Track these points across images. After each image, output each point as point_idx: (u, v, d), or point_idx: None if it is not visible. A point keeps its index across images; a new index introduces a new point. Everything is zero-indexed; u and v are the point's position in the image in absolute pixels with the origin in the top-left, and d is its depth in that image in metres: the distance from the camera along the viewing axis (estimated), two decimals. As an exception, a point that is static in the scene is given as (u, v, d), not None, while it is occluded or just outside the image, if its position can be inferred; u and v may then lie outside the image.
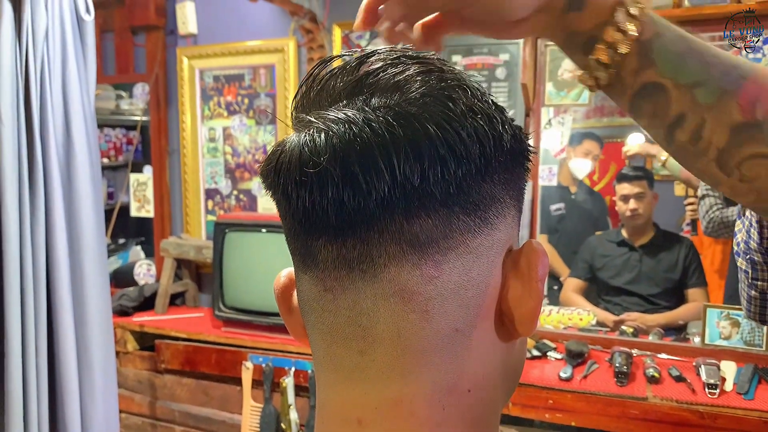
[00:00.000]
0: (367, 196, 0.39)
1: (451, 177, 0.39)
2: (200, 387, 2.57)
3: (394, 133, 0.39)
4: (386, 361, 0.42)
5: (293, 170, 0.40)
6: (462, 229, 0.41)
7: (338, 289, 0.42)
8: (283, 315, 0.53)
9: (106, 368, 1.66)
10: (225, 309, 2.52)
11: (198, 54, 2.95)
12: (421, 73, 0.42)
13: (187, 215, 3.06)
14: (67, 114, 1.52)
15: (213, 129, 2.99)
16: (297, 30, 2.74)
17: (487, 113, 0.41)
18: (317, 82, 0.44)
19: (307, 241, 0.43)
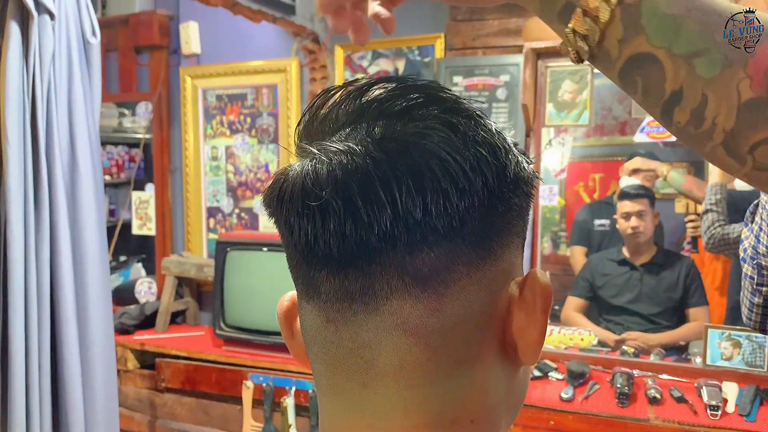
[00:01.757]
0: (368, 230, 0.39)
1: (454, 210, 0.39)
2: (200, 406, 2.56)
3: (396, 165, 0.39)
4: (389, 394, 0.42)
5: (295, 201, 0.40)
6: (465, 261, 0.41)
7: (340, 321, 0.42)
8: (286, 339, 0.52)
9: (108, 387, 1.65)
10: (226, 328, 2.52)
11: (201, 73, 2.97)
12: (423, 103, 0.42)
13: (189, 233, 3.07)
14: (72, 135, 1.54)
15: (215, 147, 3.00)
16: (299, 50, 2.76)
17: (490, 143, 0.41)
18: (320, 112, 0.44)
19: (310, 272, 0.42)
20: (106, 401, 1.59)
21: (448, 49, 2.56)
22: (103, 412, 1.57)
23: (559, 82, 2.36)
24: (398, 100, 0.42)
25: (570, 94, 2.35)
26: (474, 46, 2.53)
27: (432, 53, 2.55)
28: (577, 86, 2.34)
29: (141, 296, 3.09)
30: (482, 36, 2.52)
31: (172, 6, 3.03)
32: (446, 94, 0.43)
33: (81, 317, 1.60)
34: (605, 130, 2.98)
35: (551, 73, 2.37)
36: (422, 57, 2.57)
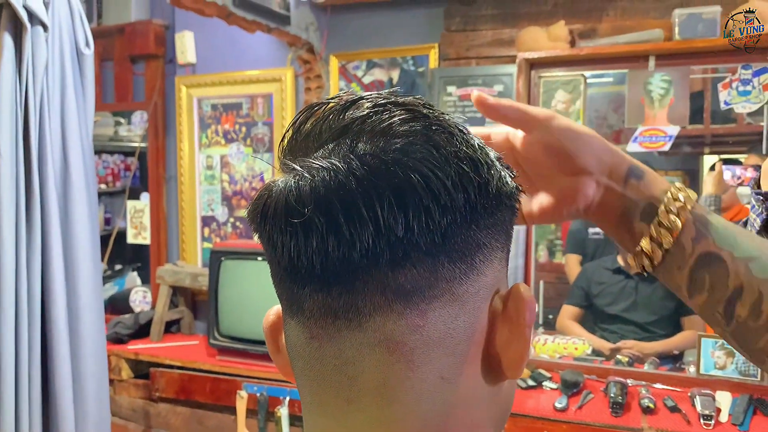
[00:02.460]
0: (351, 247, 0.39)
1: (436, 226, 0.39)
2: (195, 416, 2.55)
3: (378, 182, 0.39)
4: (373, 411, 0.42)
5: (279, 217, 0.41)
6: (448, 277, 0.41)
7: (324, 337, 0.42)
8: (272, 353, 0.52)
9: (100, 398, 1.65)
10: (220, 337, 2.52)
11: (196, 83, 2.98)
12: (406, 119, 0.42)
13: (184, 242, 3.07)
14: (65, 146, 1.54)
15: (210, 157, 3.01)
16: (295, 60, 2.77)
17: (472, 158, 0.41)
18: (304, 127, 0.44)
19: (293, 289, 0.43)
20: (98, 411, 1.59)
21: (442, 59, 2.57)
22: (94, 422, 1.57)
23: (552, 92, 2.37)
24: (381, 116, 0.42)
25: (563, 104, 2.36)
26: (468, 56, 2.55)
27: (426, 63, 2.57)
28: (570, 96, 2.35)
29: (136, 305, 3.09)
30: (476, 46, 2.53)
31: (168, 16, 3.04)
32: (429, 111, 0.43)
33: (72, 327, 1.59)
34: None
35: (544, 83, 2.38)
36: (416, 67, 2.58)
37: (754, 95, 2.10)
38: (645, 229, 0.55)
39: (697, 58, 2.20)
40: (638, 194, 0.55)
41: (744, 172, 2.20)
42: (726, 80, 2.14)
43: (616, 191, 0.56)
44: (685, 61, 2.20)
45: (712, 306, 0.55)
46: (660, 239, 0.54)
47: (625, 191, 0.56)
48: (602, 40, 2.32)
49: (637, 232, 0.56)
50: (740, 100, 2.12)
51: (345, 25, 2.71)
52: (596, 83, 2.59)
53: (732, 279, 0.53)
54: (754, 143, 2.71)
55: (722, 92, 2.14)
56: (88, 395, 1.58)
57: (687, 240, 0.53)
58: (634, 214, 0.55)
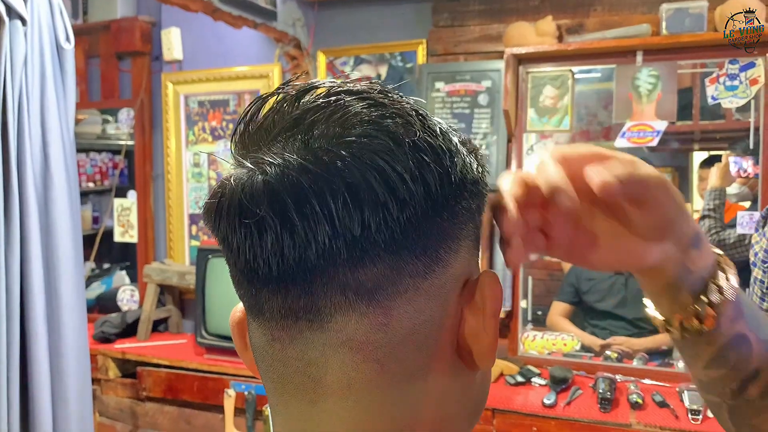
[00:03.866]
0: (307, 246, 0.37)
1: (395, 222, 0.38)
2: (182, 415, 2.53)
3: (332, 178, 0.37)
4: (338, 412, 0.41)
5: (232, 217, 0.39)
6: (411, 272, 0.39)
7: (286, 339, 0.41)
8: (240, 351, 0.51)
9: (82, 398, 1.63)
10: (207, 336, 2.50)
11: (183, 80, 2.95)
12: (362, 108, 0.40)
13: (171, 240, 3.05)
14: (45, 142, 1.51)
15: (197, 154, 2.98)
16: (282, 56, 2.75)
17: (432, 147, 0.39)
18: (255, 120, 0.42)
19: (251, 290, 0.41)
20: (80, 411, 1.57)
21: (430, 55, 2.55)
22: (76, 423, 1.55)
23: (540, 88, 2.36)
24: (334, 106, 0.40)
25: (551, 100, 2.35)
26: (455, 52, 2.53)
27: (414, 59, 2.55)
28: (558, 92, 2.34)
29: (123, 304, 3.06)
30: (464, 42, 2.52)
31: (154, 12, 3.01)
32: (385, 97, 0.41)
33: (53, 328, 1.57)
34: (590, 135, 2.98)
35: (532, 79, 2.37)
36: (404, 63, 2.57)
37: (741, 90, 2.10)
38: (689, 301, 0.51)
39: (684, 53, 2.20)
40: (694, 265, 0.51)
41: (749, 165, 2.17)
42: (713, 75, 2.14)
43: (676, 258, 0.51)
44: (672, 56, 2.20)
45: (727, 382, 0.53)
46: (702, 317, 0.51)
47: (685, 260, 0.51)
48: (590, 35, 2.31)
49: (680, 302, 0.52)
50: (727, 95, 2.12)
51: (332, 21, 2.69)
52: (584, 79, 2.59)
53: (754, 360, 0.52)
54: (742, 139, 2.72)
55: (709, 87, 2.14)
56: (70, 396, 1.56)
57: (726, 321, 0.51)
58: (683, 284, 0.51)
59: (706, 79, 2.15)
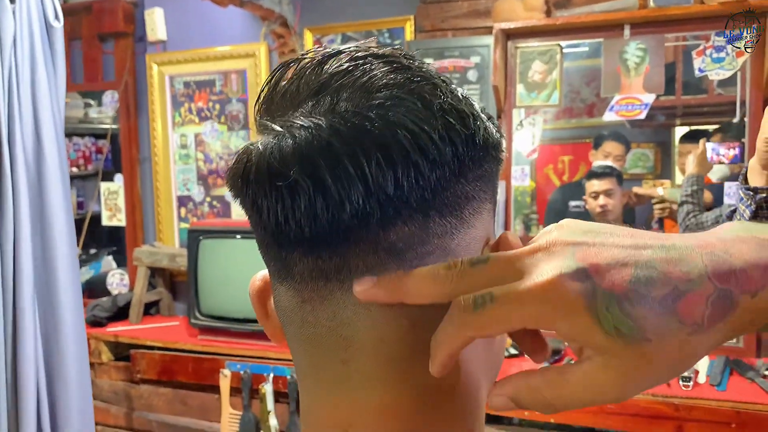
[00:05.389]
0: (340, 208, 0.38)
1: (426, 182, 0.38)
2: (177, 396, 2.54)
3: (364, 139, 0.38)
4: (370, 370, 0.41)
5: (262, 181, 0.39)
6: (439, 232, 0.40)
7: (316, 300, 0.41)
8: (260, 319, 0.51)
9: (81, 380, 1.62)
10: (201, 317, 2.50)
11: (168, 60, 2.92)
12: (388, 72, 0.40)
13: (160, 223, 3.03)
14: (37, 124, 1.49)
15: (184, 135, 2.96)
16: (268, 35, 2.73)
17: (458, 110, 0.40)
18: (280, 85, 0.43)
19: (281, 253, 0.42)
20: (80, 394, 1.57)
21: (417, 31, 2.55)
22: (77, 405, 1.55)
23: (529, 63, 2.37)
24: (361, 69, 0.41)
25: (540, 75, 2.36)
26: (443, 27, 2.53)
27: (402, 36, 2.54)
28: (547, 66, 2.35)
29: (113, 288, 3.05)
30: (451, 18, 2.52)
31: (136, -8, 2.97)
32: (410, 61, 0.42)
33: (49, 310, 1.57)
34: (573, 112, 3.00)
35: (521, 54, 2.37)
36: (392, 39, 2.56)
37: (728, 62, 2.12)
38: None
39: (671, 26, 2.21)
40: None
41: (727, 151, 2.22)
42: (700, 47, 2.16)
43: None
44: (659, 28, 2.21)
45: None
46: None
47: None
48: (577, 10, 2.32)
49: None
50: (714, 67, 2.14)
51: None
52: (572, 54, 2.59)
53: None
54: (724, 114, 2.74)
55: (696, 59, 2.16)
56: (70, 378, 1.56)
57: None
58: None
59: (693, 52, 2.17)
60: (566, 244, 0.36)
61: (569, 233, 0.36)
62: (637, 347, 0.33)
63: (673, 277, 0.34)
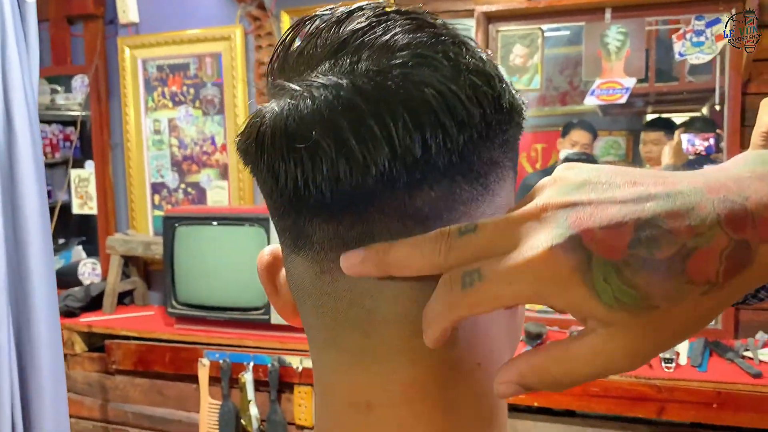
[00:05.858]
0: (365, 171, 0.36)
1: (454, 145, 0.36)
2: (154, 387, 2.49)
3: (389, 98, 0.36)
4: (394, 343, 0.40)
5: (279, 144, 0.37)
6: (465, 199, 0.39)
7: (336, 270, 0.39)
8: (270, 295, 0.49)
9: (55, 371, 1.58)
10: (178, 305, 2.45)
11: (140, 43, 2.84)
12: (411, 30, 0.38)
13: (133, 210, 2.96)
14: (7, 104, 1.43)
15: (158, 121, 2.89)
16: (244, 17, 2.67)
17: (484, 71, 0.38)
18: (295, 45, 0.40)
19: (299, 221, 0.39)
20: (54, 385, 1.52)
21: (397, 15, 2.51)
22: (51, 397, 1.50)
23: (510, 47, 2.36)
24: (383, 27, 0.38)
25: (521, 59, 2.35)
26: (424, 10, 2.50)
27: (381, 19, 2.51)
28: (528, 50, 2.34)
29: (85, 278, 2.97)
30: (432, 0, 2.49)
31: (106, -28, 2.88)
32: (433, 20, 0.40)
33: (22, 300, 1.51)
34: (547, 100, 3.00)
35: (502, 38, 2.36)
36: (371, 23, 2.53)
37: (708, 46, 2.14)
38: None
39: (652, 10, 2.22)
40: None
41: (702, 142, 2.25)
42: (680, 31, 2.16)
43: None
44: (640, 12, 2.21)
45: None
46: None
47: None
48: (559, -7, 2.31)
49: None
50: (694, 51, 2.15)
51: (296, -19, 2.62)
52: (553, 38, 2.59)
53: None
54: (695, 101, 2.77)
55: (676, 43, 2.17)
56: (43, 369, 1.51)
57: None
58: None
59: (674, 36, 2.18)
60: (558, 207, 0.33)
61: (563, 190, 0.33)
62: (643, 315, 0.30)
63: (680, 234, 0.30)
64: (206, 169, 2.84)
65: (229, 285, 2.38)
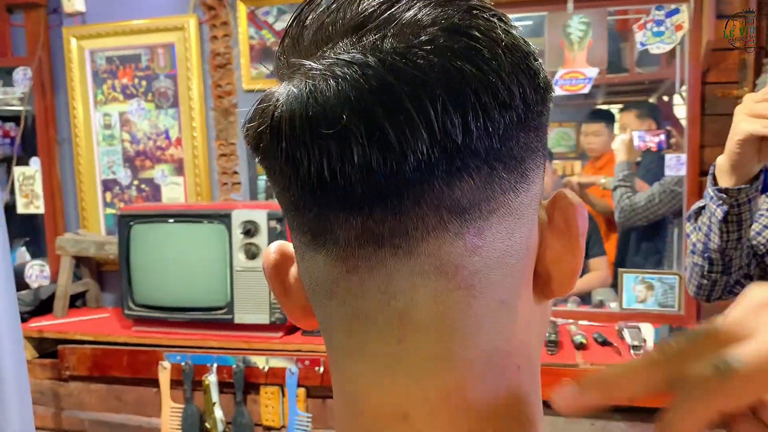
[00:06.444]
0: (402, 159, 0.32)
1: (496, 128, 0.33)
2: (112, 392, 2.39)
3: (425, 78, 0.32)
4: (431, 347, 0.36)
5: (302, 130, 0.33)
6: (504, 188, 0.35)
7: (365, 269, 0.35)
8: (279, 296, 0.45)
9: (19, 377, 1.48)
10: (135, 307, 2.35)
11: (87, 34, 2.71)
12: (440, 3, 0.34)
13: (84, 209, 2.83)
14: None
15: (108, 115, 2.77)
16: (198, 6, 2.58)
17: (520, 47, 0.35)
18: (311, 19, 0.36)
19: (323, 215, 0.35)
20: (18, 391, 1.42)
21: (357, 4, 2.46)
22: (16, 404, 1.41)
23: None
24: (405, 1, 0.34)
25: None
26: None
27: (342, 8, 2.45)
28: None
29: (32, 281, 2.83)
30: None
31: (48, -41, 2.74)
32: None
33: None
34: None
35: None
36: (332, 12, 2.47)
37: (668, 35, 2.16)
38: None
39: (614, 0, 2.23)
40: None
41: (653, 138, 2.30)
42: (641, 21, 2.18)
43: None
44: (602, 2, 2.22)
45: None
46: None
47: None
48: (521, -17, 2.30)
49: None
50: (655, 40, 2.17)
51: (252, -31, 2.54)
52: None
53: None
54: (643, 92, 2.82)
55: (638, 33, 2.19)
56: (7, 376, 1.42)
57: None
58: None
59: (635, 26, 2.19)
60: None
61: None
62: None
63: None
64: (160, 165, 2.74)
65: (190, 285, 2.30)
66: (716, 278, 1.21)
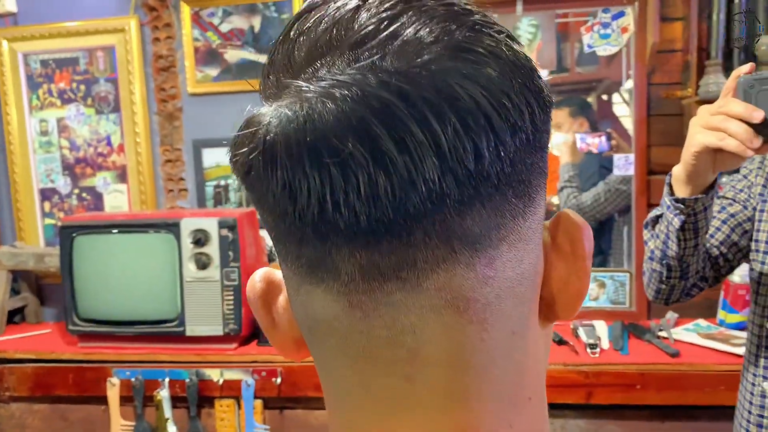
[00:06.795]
0: (409, 188, 0.30)
1: (507, 152, 0.32)
2: (57, 412, 2.28)
3: (432, 99, 0.30)
4: (442, 385, 0.34)
5: (298, 157, 0.30)
6: (513, 213, 0.34)
7: (369, 304, 0.33)
8: (267, 329, 0.42)
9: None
10: (80, 322, 2.25)
11: (20, 36, 2.58)
12: (445, 18, 0.32)
13: (20, 220, 2.69)
14: None
15: (44, 121, 2.64)
16: (139, 7, 2.49)
17: (525, 66, 0.33)
18: (300, 39, 0.34)
19: (323, 248, 0.33)
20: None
21: (305, 6, 2.42)
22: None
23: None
24: (417, 13, 0.32)
25: None
26: None
27: (290, 8, 2.40)
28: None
29: (-34, 297, 2.68)
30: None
31: (-25, -44, 2.59)
32: (471, 6, 0.34)
33: None
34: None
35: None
36: (279, 13, 2.41)
37: (614, 38, 2.20)
38: None
39: (561, 2, 2.26)
40: None
41: (594, 140, 2.35)
42: (588, 24, 2.22)
43: None
44: (550, 4, 2.25)
45: None
46: None
47: None
48: (469, -15, 2.30)
49: None
50: (602, 42, 2.21)
51: (195, -31, 2.46)
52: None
53: None
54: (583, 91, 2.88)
55: (585, 35, 2.22)
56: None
57: None
58: None
59: (582, 28, 2.23)
60: None
61: None
62: None
63: None
64: (102, 172, 2.63)
65: (138, 297, 2.21)
66: (674, 283, 1.25)
